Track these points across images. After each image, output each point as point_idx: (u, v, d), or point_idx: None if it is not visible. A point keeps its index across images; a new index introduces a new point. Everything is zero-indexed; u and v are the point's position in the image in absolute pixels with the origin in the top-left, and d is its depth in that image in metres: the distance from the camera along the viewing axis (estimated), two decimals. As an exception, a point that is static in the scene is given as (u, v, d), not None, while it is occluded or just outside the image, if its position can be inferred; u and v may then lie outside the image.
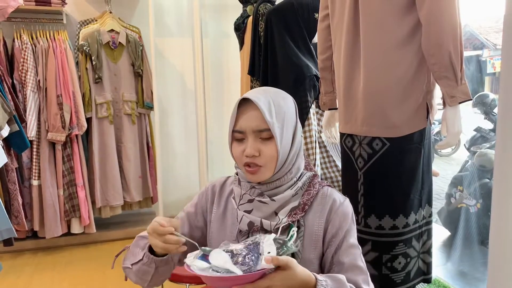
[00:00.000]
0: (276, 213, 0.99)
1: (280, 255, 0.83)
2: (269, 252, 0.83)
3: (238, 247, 0.86)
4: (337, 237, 0.99)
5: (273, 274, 0.81)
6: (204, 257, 0.87)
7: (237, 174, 1.07)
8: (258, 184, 1.01)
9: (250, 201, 1.00)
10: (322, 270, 1.02)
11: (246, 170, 0.99)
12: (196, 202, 1.13)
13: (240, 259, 0.83)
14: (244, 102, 0.97)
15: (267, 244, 0.84)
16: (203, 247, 0.90)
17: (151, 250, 0.98)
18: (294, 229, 0.89)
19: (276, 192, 1.00)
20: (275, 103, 0.98)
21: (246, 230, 1.00)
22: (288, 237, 0.87)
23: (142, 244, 1.03)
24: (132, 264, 1.01)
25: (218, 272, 0.81)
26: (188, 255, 0.90)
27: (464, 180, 3.25)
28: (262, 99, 0.96)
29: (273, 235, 0.87)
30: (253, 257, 0.82)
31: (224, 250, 0.86)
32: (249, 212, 1.00)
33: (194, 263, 0.85)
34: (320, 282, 0.86)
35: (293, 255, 0.87)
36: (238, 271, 0.79)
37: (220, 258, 0.83)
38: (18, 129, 2.22)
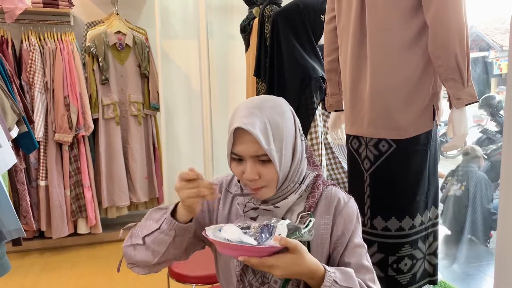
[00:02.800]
0: (283, 219, 0.96)
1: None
2: (279, 234, 0.83)
3: (251, 225, 0.87)
4: (343, 239, 0.98)
5: (280, 255, 0.81)
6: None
7: (239, 181, 1.04)
8: None
9: (255, 208, 0.99)
10: None
11: (249, 188, 0.97)
12: None
13: (251, 233, 0.84)
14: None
15: (281, 227, 0.85)
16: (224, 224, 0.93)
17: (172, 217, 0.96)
18: (313, 219, 0.88)
19: (280, 199, 0.99)
20: (272, 123, 0.93)
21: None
22: (304, 225, 0.86)
23: (157, 216, 0.99)
24: (144, 237, 0.97)
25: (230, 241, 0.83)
26: (211, 226, 0.91)
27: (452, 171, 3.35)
28: (257, 124, 0.91)
29: (287, 221, 0.87)
30: (263, 235, 0.83)
31: (238, 226, 0.88)
32: (254, 219, 0.99)
33: (211, 230, 0.86)
34: (328, 273, 0.86)
35: (308, 244, 0.87)
36: (252, 241, 0.81)
37: (232, 232, 0.85)
38: (27, 130, 2.23)
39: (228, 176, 1.13)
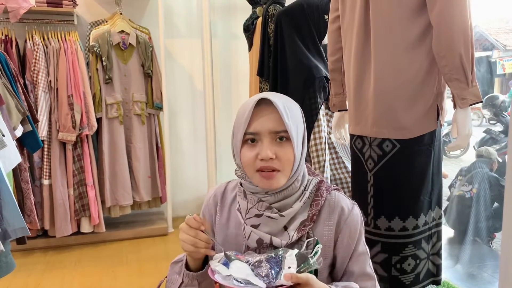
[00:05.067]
0: (285, 228, 0.96)
1: (301, 271, 0.82)
2: (289, 267, 0.82)
3: (260, 258, 0.86)
4: (349, 249, 0.98)
5: None
6: (228, 261, 0.88)
7: (241, 185, 1.02)
8: (266, 194, 0.96)
9: (258, 215, 0.96)
10: (332, 279, 1.01)
11: (260, 175, 0.93)
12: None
13: (260, 270, 0.83)
14: (260, 103, 0.92)
15: (289, 259, 0.84)
16: (227, 252, 0.91)
17: (187, 269, 0.98)
18: (320, 246, 0.87)
19: (285, 204, 0.96)
20: (288, 107, 0.94)
21: (255, 247, 0.97)
22: (312, 253, 0.85)
23: (177, 269, 1.01)
24: None
25: (239, 281, 0.82)
26: (214, 256, 0.90)
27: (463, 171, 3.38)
28: (278, 100, 0.92)
29: (296, 251, 0.86)
30: (272, 271, 0.82)
31: (246, 262, 0.87)
32: (256, 226, 0.96)
33: (217, 268, 0.86)
34: None
35: (315, 271, 0.86)
36: (261, 284, 0.80)
37: (241, 270, 0.84)
38: (31, 129, 2.24)
39: (221, 185, 1.11)
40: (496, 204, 3.19)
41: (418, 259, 1.61)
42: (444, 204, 3.31)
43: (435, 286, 1.76)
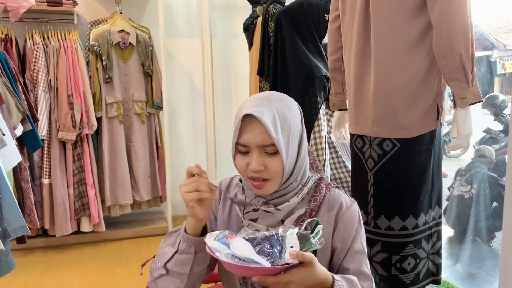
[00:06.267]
0: (282, 221, 0.97)
1: (304, 251, 0.81)
2: (292, 247, 0.81)
3: (259, 235, 0.85)
4: (345, 245, 0.98)
5: (295, 270, 0.80)
6: (225, 238, 0.86)
7: (241, 181, 1.04)
8: None
9: (255, 210, 0.98)
10: None
11: (252, 183, 0.95)
12: None
13: (261, 248, 0.82)
14: (247, 115, 0.91)
15: (291, 237, 0.83)
16: (223, 231, 0.90)
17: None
18: (320, 226, 0.86)
19: (282, 200, 0.97)
20: (280, 115, 0.92)
21: None
22: (314, 234, 0.85)
23: (171, 241, 0.98)
24: (165, 264, 0.96)
25: (240, 260, 0.80)
26: (208, 234, 0.88)
27: (462, 170, 3.38)
28: (266, 113, 0.91)
29: (296, 229, 0.85)
30: (275, 250, 0.81)
31: (245, 238, 0.85)
32: (254, 220, 0.98)
33: (216, 246, 0.84)
34: (337, 282, 0.86)
35: (314, 252, 0.85)
36: (265, 262, 0.79)
37: (242, 248, 0.82)
38: (31, 128, 2.24)
39: (227, 179, 1.12)
40: (495, 204, 3.19)
41: (418, 259, 1.62)
42: (444, 203, 3.31)
43: (435, 285, 1.76)
